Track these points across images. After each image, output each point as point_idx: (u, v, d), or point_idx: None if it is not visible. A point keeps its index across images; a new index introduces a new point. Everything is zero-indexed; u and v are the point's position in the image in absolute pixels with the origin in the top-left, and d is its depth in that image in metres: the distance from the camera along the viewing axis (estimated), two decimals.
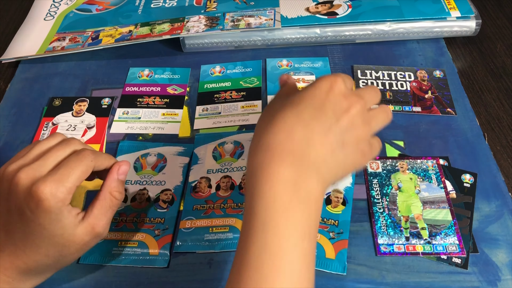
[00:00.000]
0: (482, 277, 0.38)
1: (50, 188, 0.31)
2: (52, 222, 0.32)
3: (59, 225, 0.32)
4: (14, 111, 0.53)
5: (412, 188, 0.44)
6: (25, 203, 0.31)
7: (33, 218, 0.31)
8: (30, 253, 0.32)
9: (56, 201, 0.31)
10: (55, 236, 0.32)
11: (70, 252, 0.33)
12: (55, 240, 0.32)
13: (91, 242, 0.34)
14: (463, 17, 0.57)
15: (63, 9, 0.64)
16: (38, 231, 0.32)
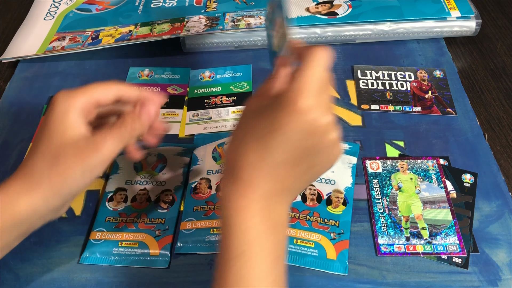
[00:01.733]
0: (482, 276, 0.38)
1: (64, 92, 0.33)
2: (57, 120, 0.32)
3: (63, 124, 0.32)
4: (13, 110, 0.52)
5: (412, 188, 0.44)
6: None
7: (46, 117, 0.33)
8: (30, 157, 0.32)
9: (64, 102, 0.32)
10: (55, 132, 0.32)
11: (67, 160, 0.31)
12: (55, 139, 0.32)
13: (92, 160, 0.32)
14: (463, 17, 0.57)
15: (63, 9, 0.64)
16: (44, 129, 0.32)
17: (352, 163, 0.45)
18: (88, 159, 0.32)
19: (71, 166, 0.31)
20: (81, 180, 0.32)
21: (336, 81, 0.54)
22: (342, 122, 0.50)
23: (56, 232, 0.42)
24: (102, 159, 0.32)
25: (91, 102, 0.34)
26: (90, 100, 0.33)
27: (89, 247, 0.40)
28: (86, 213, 0.43)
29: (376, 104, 0.51)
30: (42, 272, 0.39)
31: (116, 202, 0.43)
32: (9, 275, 0.39)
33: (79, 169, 0.32)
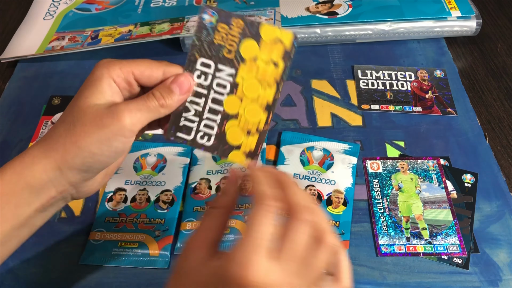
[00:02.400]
0: (483, 277, 0.38)
1: (105, 60, 0.31)
2: (87, 85, 0.30)
3: (90, 89, 0.30)
4: (13, 110, 0.52)
5: (412, 188, 0.44)
6: None
7: (81, 87, 0.31)
8: (57, 121, 0.30)
9: (100, 69, 0.30)
10: (81, 97, 0.30)
11: (84, 127, 0.29)
12: (79, 104, 0.29)
13: (111, 128, 0.29)
14: (464, 17, 0.57)
15: (62, 9, 0.64)
16: (76, 94, 0.30)
17: (352, 163, 0.45)
18: (105, 128, 0.28)
19: (86, 134, 0.28)
20: (98, 152, 0.29)
21: (336, 81, 0.54)
22: (342, 122, 0.50)
23: (56, 233, 0.42)
24: (121, 130, 0.29)
25: (131, 74, 0.31)
26: (129, 73, 0.31)
27: (89, 248, 0.40)
28: (85, 214, 0.43)
29: (377, 104, 0.51)
30: (41, 273, 0.39)
31: (115, 202, 0.43)
32: (9, 275, 0.39)
33: (95, 138, 0.28)
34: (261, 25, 0.30)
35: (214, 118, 0.32)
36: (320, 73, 0.55)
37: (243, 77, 0.31)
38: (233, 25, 0.31)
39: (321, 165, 0.45)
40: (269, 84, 0.31)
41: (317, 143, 0.47)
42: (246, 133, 0.32)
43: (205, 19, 0.31)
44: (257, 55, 0.31)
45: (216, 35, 0.31)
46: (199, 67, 0.32)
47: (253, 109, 0.31)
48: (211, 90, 0.32)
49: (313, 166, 0.45)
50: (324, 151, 0.46)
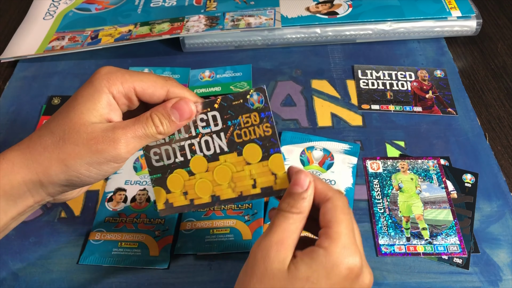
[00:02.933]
0: (483, 277, 0.38)
1: (108, 69, 0.29)
2: (85, 96, 0.28)
3: (87, 103, 0.28)
4: (12, 109, 0.52)
5: (413, 188, 0.44)
6: None
7: (77, 91, 0.29)
8: (43, 126, 0.29)
9: (102, 80, 0.28)
10: (76, 109, 0.28)
11: (75, 147, 0.27)
12: (72, 116, 0.28)
13: (103, 156, 0.27)
14: (464, 16, 0.56)
15: (62, 8, 0.64)
16: (71, 100, 0.29)
17: (353, 163, 0.45)
18: (98, 154, 0.27)
19: (77, 155, 0.27)
20: (85, 173, 0.28)
21: (336, 81, 0.54)
22: (342, 122, 0.50)
23: (55, 233, 0.42)
24: (115, 157, 0.28)
25: (133, 90, 0.29)
26: (130, 89, 0.29)
27: (89, 248, 0.40)
28: (85, 214, 0.43)
29: (377, 104, 0.51)
30: (41, 273, 0.39)
31: (115, 202, 0.43)
32: (8, 275, 0.39)
33: (85, 160, 0.27)
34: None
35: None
36: (320, 73, 0.55)
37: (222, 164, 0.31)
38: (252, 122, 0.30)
39: (321, 165, 0.45)
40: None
41: (317, 143, 0.47)
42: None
43: (252, 103, 0.30)
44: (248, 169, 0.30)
45: (242, 117, 0.30)
46: (206, 116, 0.31)
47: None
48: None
49: (313, 166, 0.45)
50: (324, 151, 0.46)
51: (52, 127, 0.28)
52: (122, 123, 0.29)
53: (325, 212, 0.28)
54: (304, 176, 0.29)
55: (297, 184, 0.28)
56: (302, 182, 0.28)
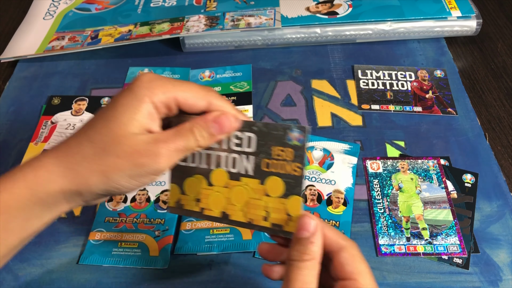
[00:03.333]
0: (483, 277, 0.38)
1: (150, 78, 0.28)
2: (126, 105, 0.27)
3: (128, 114, 0.27)
4: (12, 109, 0.52)
5: (413, 189, 0.44)
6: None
7: (116, 97, 0.28)
8: (80, 134, 0.28)
9: (144, 89, 0.27)
10: (117, 119, 0.27)
11: (117, 160, 0.27)
12: (113, 127, 0.27)
13: (147, 169, 0.27)
14: (464, 16, 0.56)
15: (62, 8, 0.64)
16: (109, 108, 0.28)
17: (353, 163, 0.45)
18: (140, 168, 0.27)
19: (119, 168, 0.27)
20: (126, 185, 0.28)
21: (337, 81, 0.54)
22: (342, 122, 0.50)
23: (56, 233, 0.42)
24: (156, 171, 0.27)
25: (174, 100, 0.28)
26: (172, 99, 0.28)
27: (88, 248, 0.40)
28: (85, 214, 0.43)
29: (377, 104, 0.51)
30: (41, 273, 0.39)
31: (115, 202, 0.43)
32: (8, 275, 0.39)
33: (127, 173, 0.27)
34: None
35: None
36: (320, 73, 0.55)
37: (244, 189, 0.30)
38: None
39: (321, 165, 0.45)
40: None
41: (317, 143, 0.47)
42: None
43: (291, 138, 0.29)
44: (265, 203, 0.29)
45: (276, 149, 0.29)
46: (242, 135, 0.30)
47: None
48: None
49: (313, 166, 0.45)
50: (324, 151, 0.46)
51: (91, 135, 0.28)
52: (163, 135, 0.28)
53: (343, 263, 0.27)
54: (308, 219, 0.28)
55: (303, 228, 0.27)
56: (307, 225, 0.27)
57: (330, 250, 0.28)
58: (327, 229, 0.28)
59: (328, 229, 0.28)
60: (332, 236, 0.28)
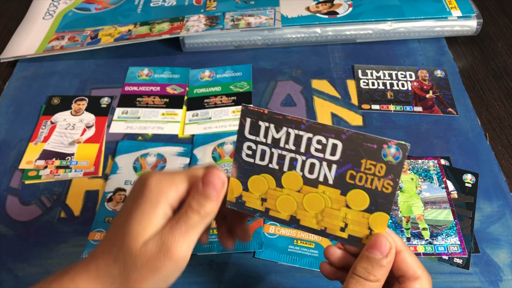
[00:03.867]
0: (483, 277, 0.38)
1: (158, 179, 0.28)
2: (140, 211, 0.27)
3: (143, 222, 0.27)
4: (12, 109, 0.52)
5: (413, 189, 0.44)
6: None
7: (132, 197, 0.28)
8: (105, 251, 0.28)
9: (158, 190, 0.27)
10: (132, 231, 0.27)
11: (140, 273, 0.27)
12: (129, 240, 0.27)
13: (167, 268, 0.27)
14: (464, 16, 0.56)
15: (62, 8, 0.64)
16: (125, 218, 0.28)
17: None
18: (159, 270, 0.27)
19: (144, 279, 0.27)
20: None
21: (337, 81, 0.54)
22: (342, 122, 0.50)
23: (55, 233, 0.42)
24: (177, 265, 0.27)
25: (186, 193, 0.28)
26: (184, 193, 0.28)
27: (88, 248, 0.40)
28: (85, 214, 0.43)
29: (377, 104, 0.51)
30: (41, 273, 0.39)
31: (115, 202, 0.43)
32: (8, 275, 0.39)
33: (152, 281, 0.27)
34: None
35: None
36: (320, 73, 0.55)
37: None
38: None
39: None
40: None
41: None
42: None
43: (386, 154, 0.27)
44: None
45: (367, 162, 0.27)
46: (325, 141, 0.28)
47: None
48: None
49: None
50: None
51: (113, 252, 0.28)
52: (168, 230, 0.27)
53: (406, 262, 0.27)
54: (385, 241, 0.26)
55: (376, 248, 0.26)
56: (383, 247, 0.26)
57: (403, 275, 0.27)
58: (407, 254, 0.27)
59: (408, 253, 0.27)
60: (411, 262, 0.27)
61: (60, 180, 0.46)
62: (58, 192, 0.45)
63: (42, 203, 0.44)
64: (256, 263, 0.39)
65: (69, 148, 0.48)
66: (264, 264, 0.39)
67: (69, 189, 0.45)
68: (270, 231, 0.41)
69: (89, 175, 0.46)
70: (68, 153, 0.47)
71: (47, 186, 0.45)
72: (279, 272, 0.39)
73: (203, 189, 0.28)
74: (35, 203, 0.44)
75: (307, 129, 0.27)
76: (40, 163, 0.47)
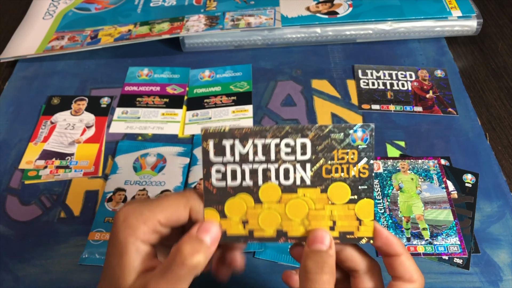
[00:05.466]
0: (483, 277, 0.38)
1: (127, 214, 0.26)
2: (113, 263, 0.26)
3: (120, 264, 0.26)
4: (12, 109, 0.52)
5: (413, 189, 0.44)
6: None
7: (107, 252, 0.27)
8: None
9: (124, 229, 0.26)
10: (112, 277, 0.26)
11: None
12: (110, 274, 0.26)
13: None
14: (464, 16, 0.56)
15: (62, 8, 0.64)
16: (102, 274, 0.27)
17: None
18: None
19: None
20: None
21: (337, 81, 0.54)
22: (342, 122, 0.50)
23: (55, 233, 0.42)
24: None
25: (158, 224, 0.27)
26: (155, 225, 0.27)
27: (88, 248, 0.40)
28: (85, 214, 0.43)
29: (377, 104, 0.51)
30: (41, 273, 0.39)
31: (115, 202, 0.43)
32: (8, 276, 0.39)
33: None
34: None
35: None
36: (320, 73, 0.55)
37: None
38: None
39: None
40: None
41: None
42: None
43: (354, 139, 0.26)
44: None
45: (338, 152, 0.27)
46: (293, 142, 0.27)
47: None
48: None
49: None
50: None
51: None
52: (155, 273, 0.26)
53: (403, 264, 0.27)
54: (324, 232, 0.27)
55: (318, 241, 0.26)
56: (324, 239, 0.26)
57: (399, 276, 0.27)
58: (405, 257, 0.27)
59: (407, 257, 0.27)
60: (409, 266, 0.27)
61: (60, 180, 0.46)
62: (58, 192, 0.45)
63: (42, 203, 0.44)
64: (256, 263, 0.39)
65: (69, 148, 0.48)
66: (264, 264, 0.39)
67: (69, 189, 0.45)
68: None
69: (89, 175, 0.46)
70: (68, 153, 0.47)
71: (47, 186, 0.45)
72: (279, 272, 0.39)
73: (197, 235, 0.26)
74: (35, 203, 0.44)
75: (272, 135, 0.27)
76: (40, 163, 0.47)
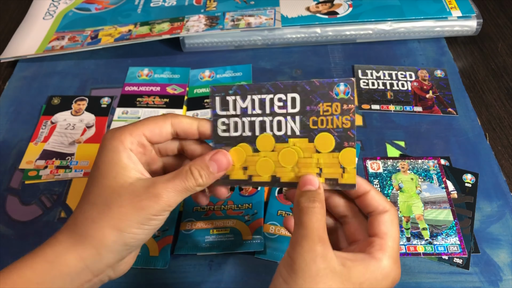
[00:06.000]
0: (483, 277, 0.38)
1: (112, 132, 0.30)
2: (107, 162, 0.29)
3: (114, 167, 0.28)
4: (12, 109, 0.52)
5: (413, 189, 0.44)
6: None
7: (95, 161, 0.29)
8: (80, 205, 0.29)
9: (112, 142, 0.29)
10: (107, 176, 0.28)
11: (122, 209, 0.27)
12: (107, 184, 0.28)
13: (150, 210, 0.28)
14: (464, 16, 0.56)
15: (62, 8, 0.64)
16: (94, 173, 0.29)
17: None
18: (144, 210, 0.28)
19: (126, 216, 0.28)
20: (139, 232, 0.28)
21: None
22: None
23: None
24: (160, 211, 0.28)
25: (143, 136, 0.30)
26: (140, 136, 0.30)
27: None
28: None
29: (377, 104, 0.51)
30: None
31: None
32: None
33: (135, 219, 0.28)
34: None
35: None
36: (320, 73, 0.55)
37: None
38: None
39: None
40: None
41: None
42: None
43: (337, 93, 0.30)
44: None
45: (323, 105, 0.30)
46: (285, 97, 0.31)
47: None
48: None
49: None
50: None
51: (91, 199, 0.29)
52: (163, 177, 0.29)
53: (380, 223, 0.30)
54: (312, 177, 0.30)
55: (308, 183, 0.30)
56: (313, 181, 0.30)
57: (373, 210, 0.30)
58: (374, 192, 0.30)
59: (375, 192, 0.30)
60: (379, 199, 0.30)
61: (60, 180, 0.46)
62: (58, 192, 0.45)
63: (42, 203, 0.44)
64: (256, 263, 0.39)
65: (69, 148, 0.48)
66: (264, 264, 0.39)
67: (69, 189, 0.45)
68: (270, 231, 0.41)
69: None
70: (68, 153, 0.47)
71: (47, 186, 0.45)
72: None
73: (209, 163, 0.30)
74: (35, 203, 0.44)
75: (267, 91, 0.31)
76: (40, 163, 0.47)
